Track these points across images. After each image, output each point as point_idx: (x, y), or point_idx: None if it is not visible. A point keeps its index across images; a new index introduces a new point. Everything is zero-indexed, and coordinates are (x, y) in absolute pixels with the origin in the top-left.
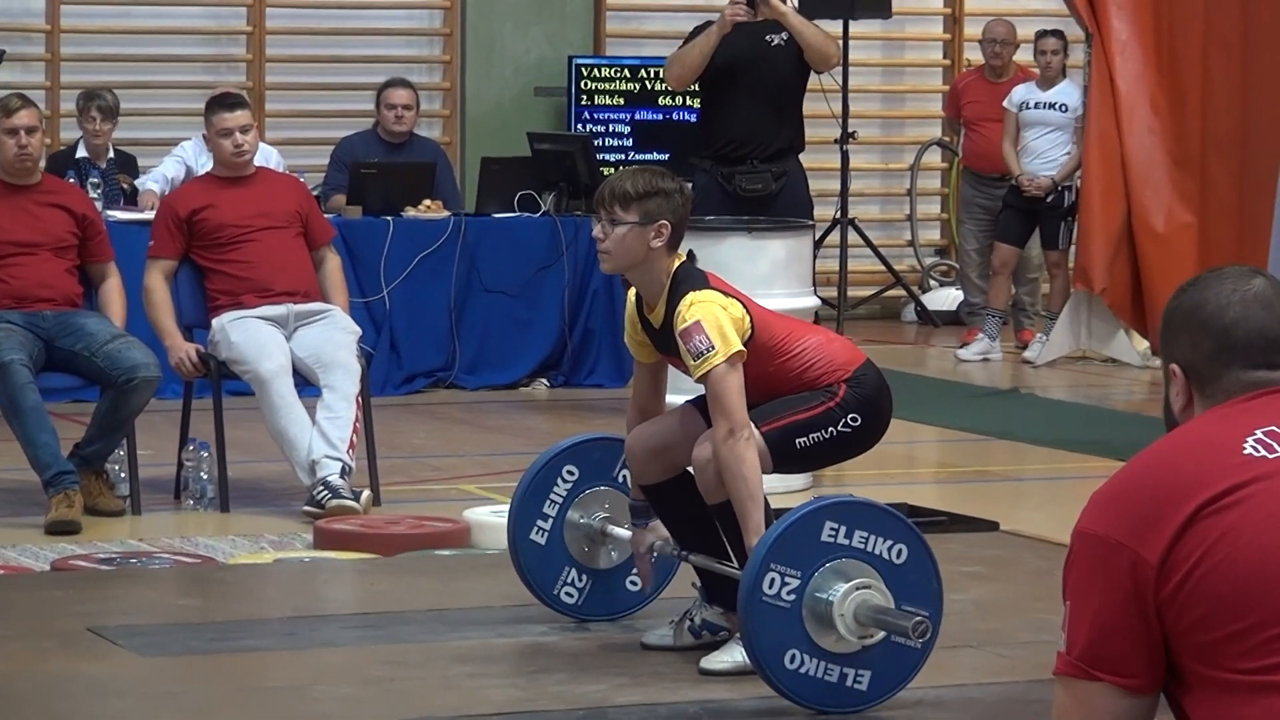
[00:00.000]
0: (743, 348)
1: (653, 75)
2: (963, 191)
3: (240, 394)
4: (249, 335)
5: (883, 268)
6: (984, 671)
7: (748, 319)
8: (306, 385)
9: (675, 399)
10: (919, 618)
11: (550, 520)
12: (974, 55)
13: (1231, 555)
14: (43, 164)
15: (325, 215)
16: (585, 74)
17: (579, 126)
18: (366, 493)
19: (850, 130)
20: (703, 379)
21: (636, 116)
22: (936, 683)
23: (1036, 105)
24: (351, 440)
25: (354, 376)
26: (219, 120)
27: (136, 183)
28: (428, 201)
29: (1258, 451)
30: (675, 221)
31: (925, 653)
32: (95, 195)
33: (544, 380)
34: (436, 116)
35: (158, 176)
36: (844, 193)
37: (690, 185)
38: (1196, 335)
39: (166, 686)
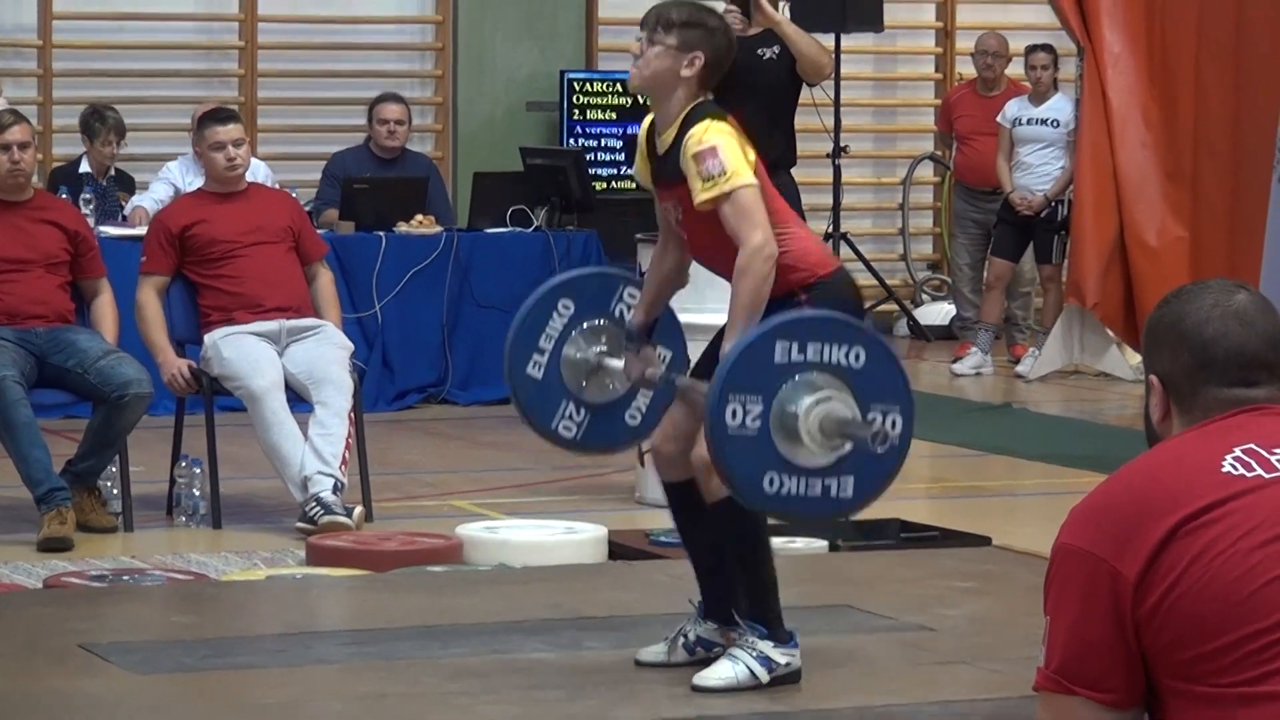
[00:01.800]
0: (756, 182)
1: None
2: (955, 205)
3: (232, 410)
4: (241, 351)
5: (875, 282)
6: (977, 687)
7: (756, 170)
8: (299, 401)
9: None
10: (876, 427)
11: (546, 354)
12: (966, 69)
13: (1210, 572)
14: (35, 180)
15: (317, 230)
16: (577, 88)
17: (571, 141)
18: (359, 509)
19: (842, 144)
20: (713, 203)
21: (629, 131)
22: (930, 699)
23: (1029, 120)
24: (344, 456)
25: (346, 392)
26: (211, 134)
27: (132, 201)
28: (420, 217)
29: (1236, 469)
30: (711, 58)
31: (904, 448)
32: (87, 211)
33: None
34: (429, 131)
35: (147, 200)
36: (836, 207)
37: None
38: (1176, 348)
39: (159, 704)
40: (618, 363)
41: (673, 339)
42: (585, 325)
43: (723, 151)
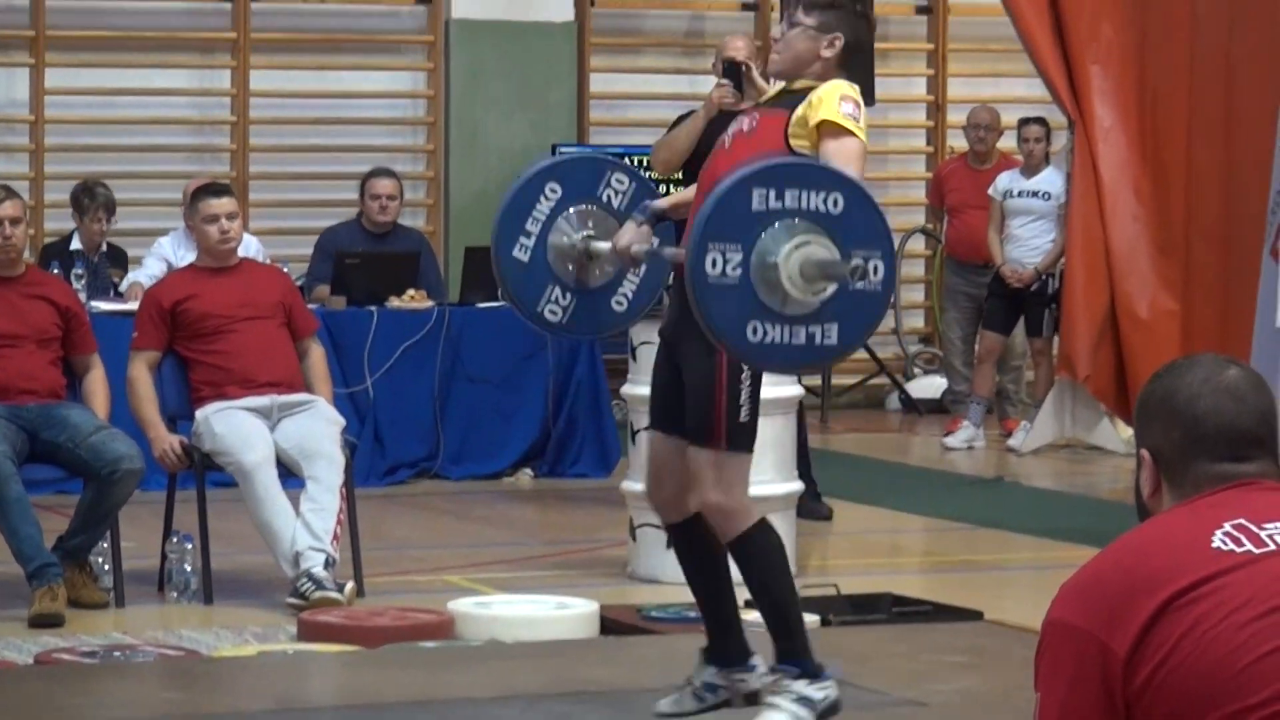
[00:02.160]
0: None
1: (636, 163)
2: (946, 279)
3: (224, 485)
4: (232, 426)
5: (867, 356)
6: None
7: None
8: (290, 476)
9: None
10: (855, 262)
11: (533, 238)
12: (957, 142)
13: (1201, 648)
14: (27, 255)
15: (309, 306)
16: None
17: None
18: (350, 584)
19: None
20: (835, 129)
21: None
22: None
23: (1020, 193)
24: (335, 532)
25: (338, 467)
26: (205, 207)
27: (128, 278)
28: (411, 291)
29: (1226, 545)
30: (851, 39)
31: (887, 294)
32: (79, 287)
33: (528, 470)
34: (420, 206)
35: (143, 277)
36: None
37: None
38: (1167, 423)
39: None
40: (605, 245)
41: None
42: (572, 210)
43: (861, 114)
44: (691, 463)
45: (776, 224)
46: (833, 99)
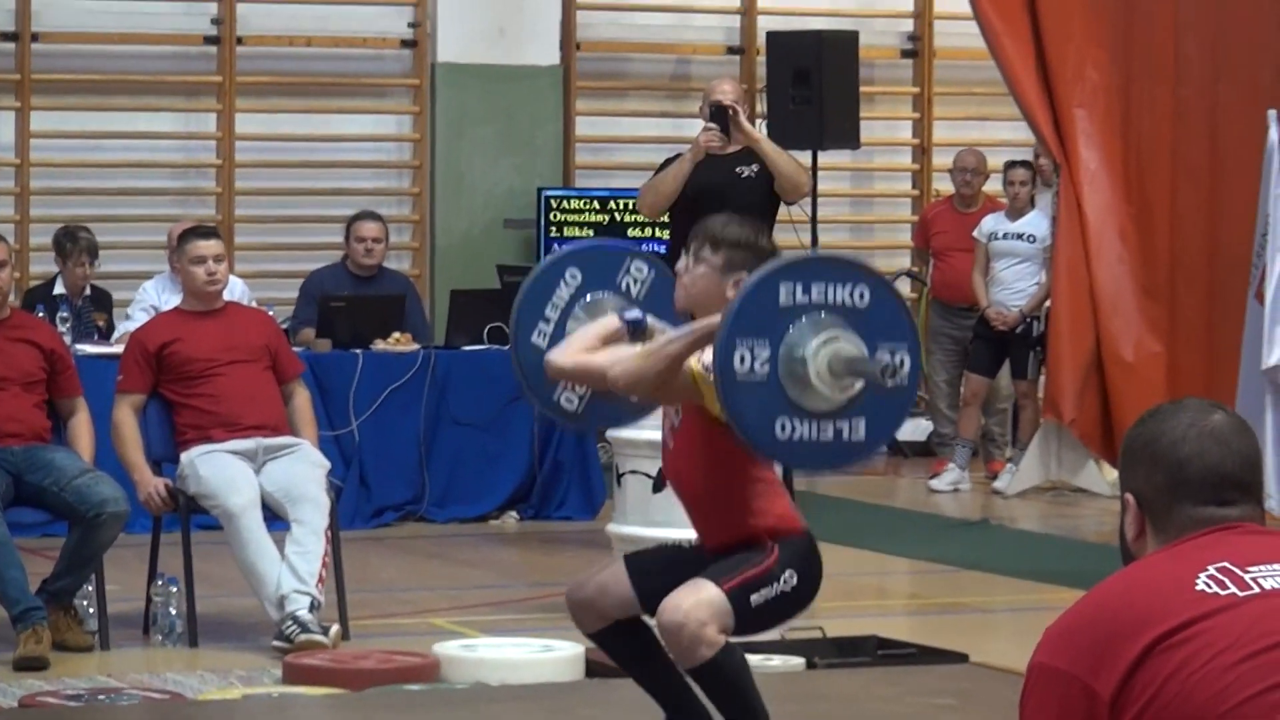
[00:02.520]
0: None
1: (622, 207)
2: (931, 322)
3: (209, 528)
4: (217, 470)
5: None
6: None
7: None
8: (275, 519)
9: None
10: (885, 361)
11: (552, 323)
12: (942, 185)
13: (1185, 690)
14: (13, 299)
15: (294, 349)
16: (554, 205)
17: None
18: (335, 627)
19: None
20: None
21: None
22: None
23: (1005, 236)
24: (320, 574)
25: (323, 510)
26: (193, 248)
27: (118, 330)
28: (397, 334)
29: (1210, 588)
30: None
31: (913, 388)
32: (64, 330)
33: (514, 513)
34: (406, 249)
35: (134, 326)
36: None
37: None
38: (1151, 467)
39: None
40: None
41: None
42: (590, 298)
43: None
44: (682, 589)
45: (803, 318)
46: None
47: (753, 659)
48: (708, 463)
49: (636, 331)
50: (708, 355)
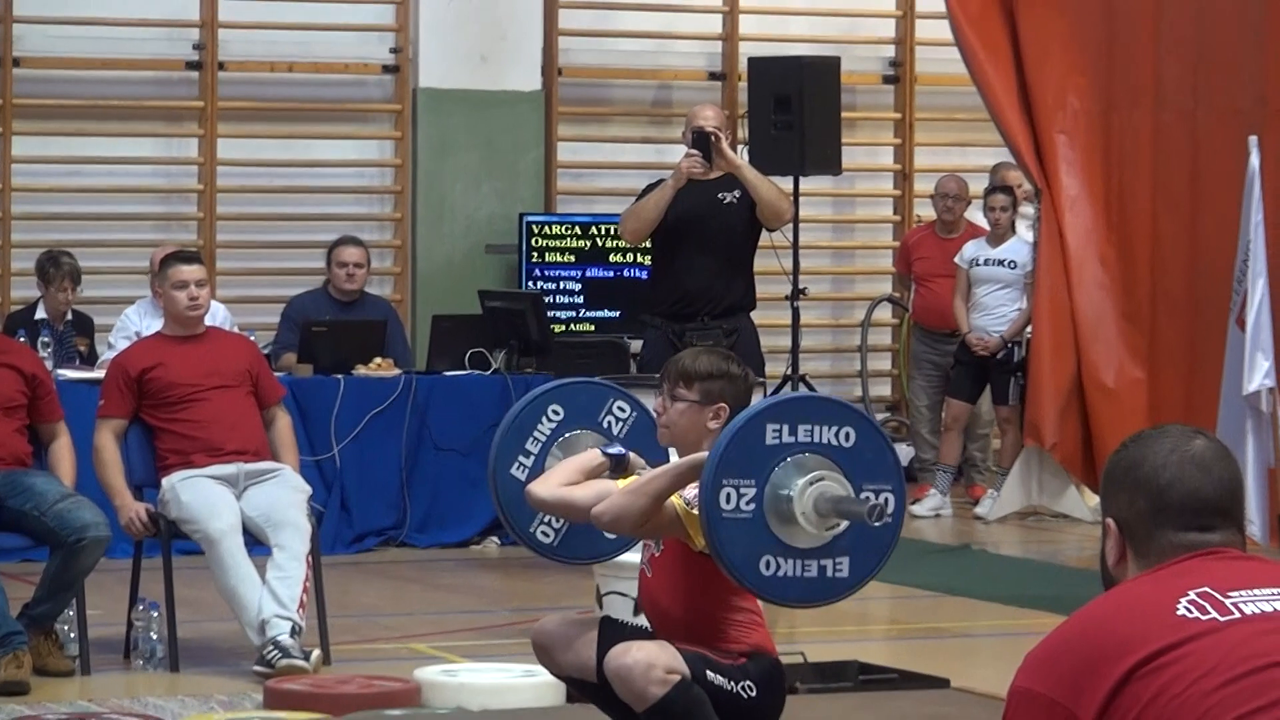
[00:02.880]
0: None
1: (603, 232)
2: (913, 347)
3: (190, 553)
4: (199, 495)
5: None
6: None
7: None
8: (256, 544)
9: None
10: (872, 502)
11: (532, 457)
12: (924, 211)
13: (1165, 716)
14: None
15: (275, 374)
16: (536, 231)
17: (530, 284)
18: (316, 652)
19: (801, 286)
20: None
21: (587, 274)
22: None
23: (986, 262)
24: (301, 599)
25: (304, 535)
26: (175, 273)
27: (101, 358)
28: (378, 360)
29: (1190, 613)
30: (734, 406)
31: (897, 526)
32: (45, 355)
33: (495, 538)
34: (387, 274)
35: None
36: (795, 349)
37: (751, 374)
38: (1133, 493)
39: None
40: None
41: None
42: (569, 435)
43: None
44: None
45: (789, 458)
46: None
47: None
48: (688, 592)
49: (618, 466)
50: (690, 491)
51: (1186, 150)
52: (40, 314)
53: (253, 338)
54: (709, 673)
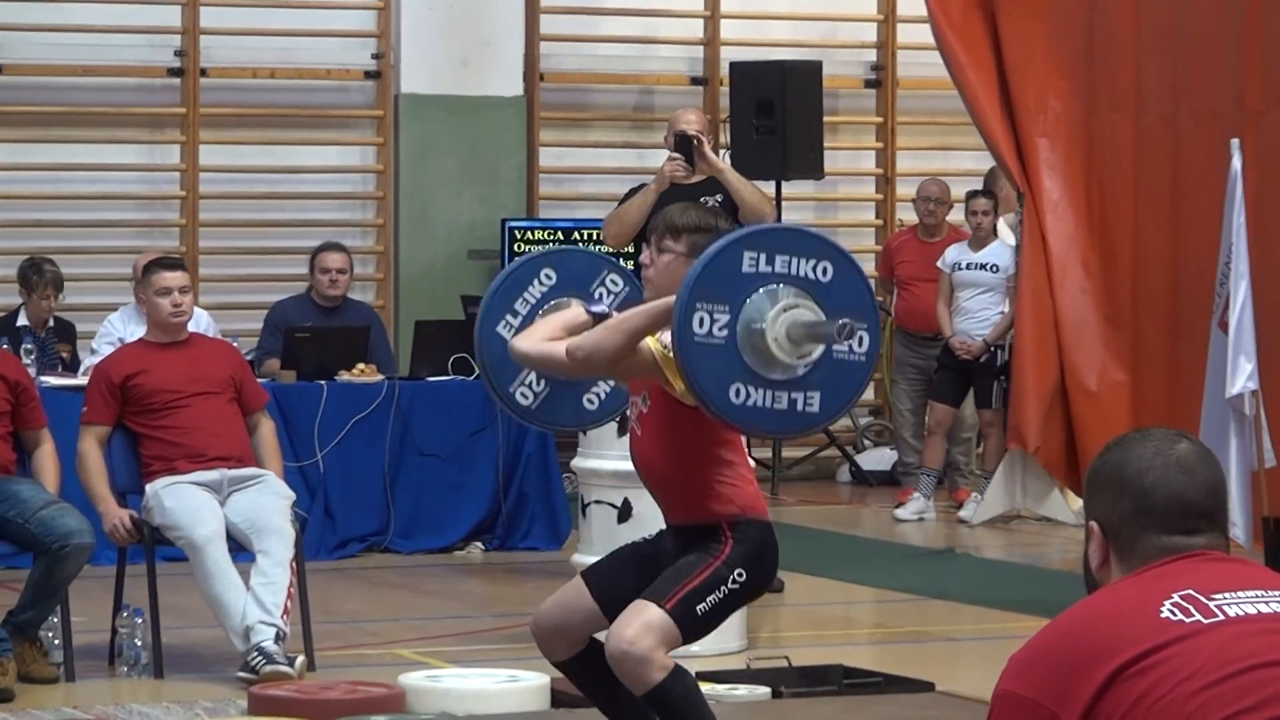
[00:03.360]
0: None
1: (586, 237)
2: (896, 351)
3: (174, 560)
4: (182, 501)
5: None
6: None
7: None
8: (240, 550)
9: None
10: (843, 320)
11: (520, 318)
12: (906, 215)
13: (1150, 718)
14: None
15: (259, 380)
16: (518, 236)
17: None
18: (301, 658)
19: None
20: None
21: None
22: None
23: (969, 266)
24: (286, 605)
25: (288, 541)
26: (159, 279)
27: (84, 364)
28: (361, 365)
29: (1174, 615)
30: None
31: (869, 364)
32: (28, 362)
33: (479, 544)
34: (370, 280)
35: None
36: None
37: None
38: (1117, 495)
39: None
40: None
41: None
42: (559, 300)
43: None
44: (629, 610)
45: (764, 288)
46: None
47: (718, 688)
48: (675, 446)
49: (601, 323)
50: (668, 335)
51: (1167, 153)
52: (22, 320)
53: (235, 344)
54: (698, 608)
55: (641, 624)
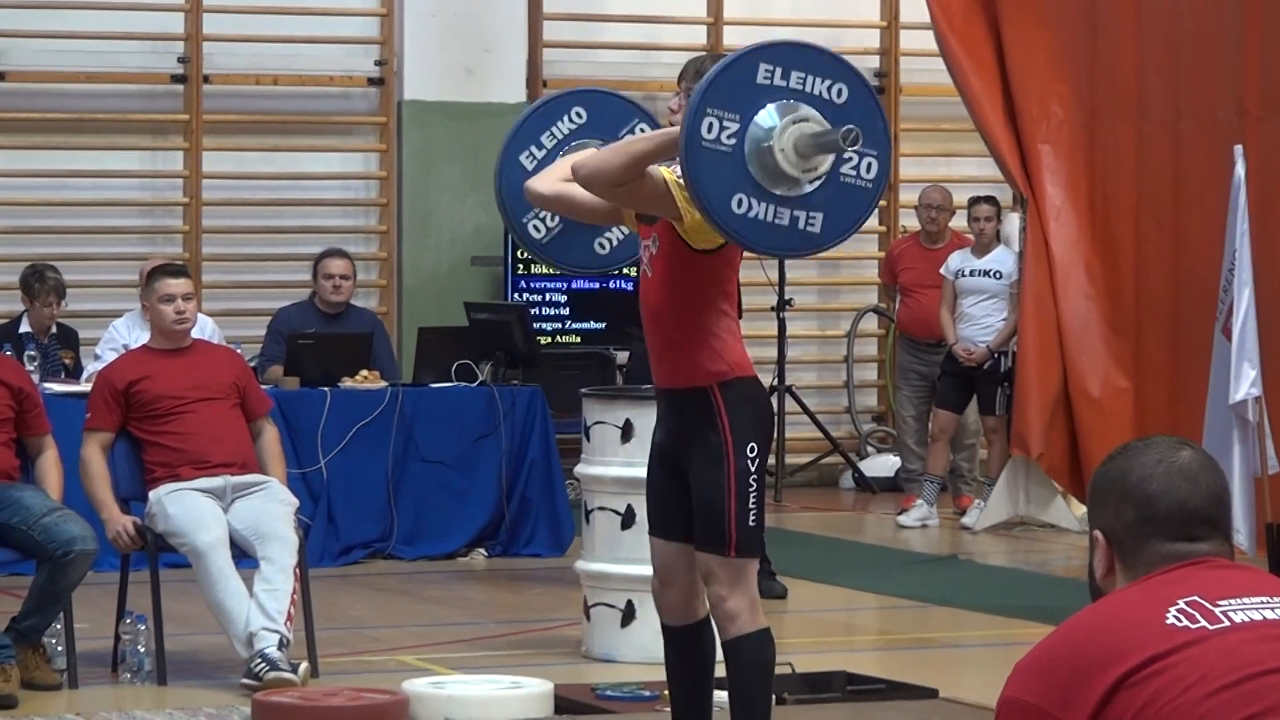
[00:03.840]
0: None
1: None
2: (899, 358)
3: (177, 566)
4: (186, 508)
5: (820, 435)
6: None
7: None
8: (244, 557)
9: None
10: (848, 126)
11: (544, 151)
12: (909, 222)
13: None
14: None
15: (262, 386)
16: None
17: (516, 296)
18: (304, 665)
19: (787, 297)
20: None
21: (573, 286)
22: None
23: (972, 273)
24: (289, 612)
25: (291, 548)
26: (163, 286)
27: (87, 370)
28: (365, 372)
29: (1180, 621)
30: None
31: (876, 191)
32: (32, 368)
33: (482, 550)
34: (373, 287)
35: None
36: (781, 360)
37: None
38: (1120, 504)
39: None
40: None
41: None
42: (584, 141)
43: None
44: (701, 565)
45: (777, 101)
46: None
47: (721, 695)
48: (680, 289)
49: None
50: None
51: (1169, 159)
52: (24, 327)
53: (239, 350)
54: (750, 522)
55: (728, 578)
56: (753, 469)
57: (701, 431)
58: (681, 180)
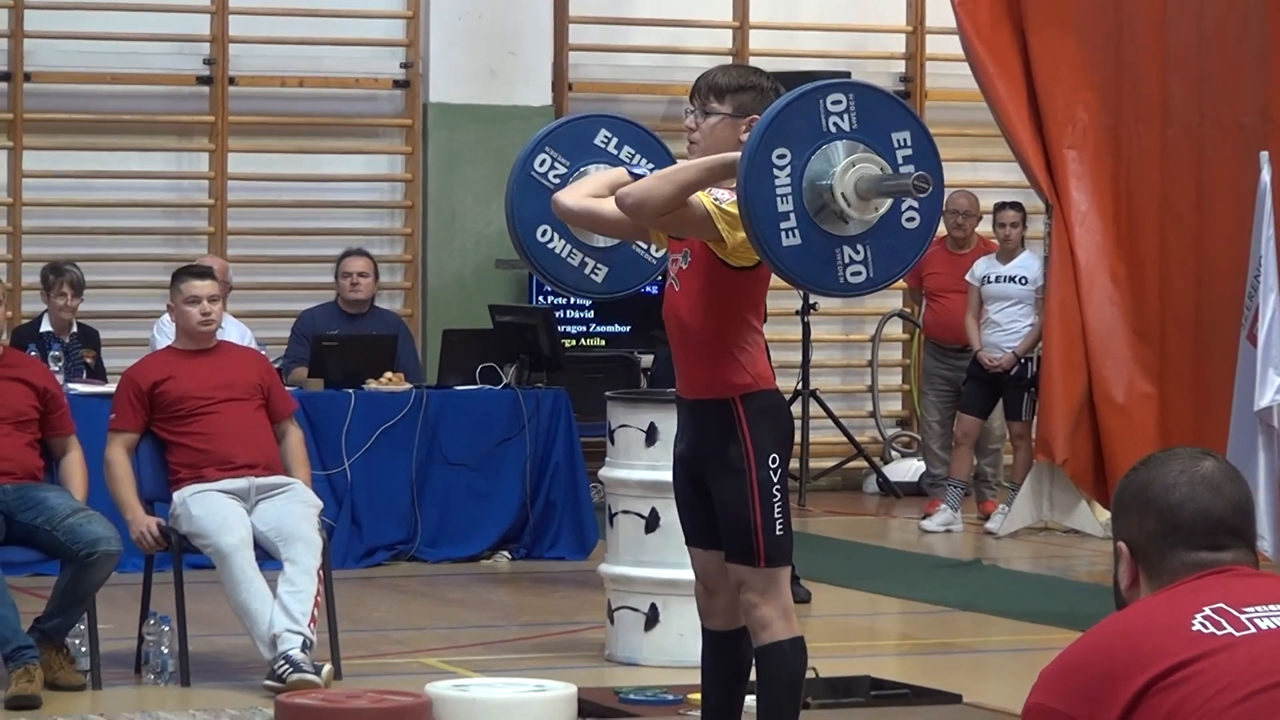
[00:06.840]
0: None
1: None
2: (924, 363)
3: (201, 567)
4: (210, 509)
5: (844, 439)
6: None
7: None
8: (268, 558)
9: None
10: (920, 173)
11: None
12: None
13: None
14: (5, 338)
15: (287, 388)
16: None
17: (540, 299)
18: (328, 666)
19: (811, 301)
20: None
21: None
22: None
23: (997, 279)
24: (313, 614)
25: (315, 550)
26: (188, 287)
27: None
28: (389, 374)
29: (1206, 628)
30: None
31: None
32: (57, 369)
33: (505, 553)
34: (398, 289)
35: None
36: (805, 364)
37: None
38: (1143, 515)
39: None
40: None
41: None
42: (585, 167)
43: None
44: (733, 574)
45: (836, 142)
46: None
47: (745, 700)
48: (709, 303)
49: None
50: (719, 192)
51: (1193, 165)
52: (45, 326)
53: (264, 352)
54: (777, 532)
55: (760, 588)
56: (775, 479)
57: (723, 443)
58: (721, 204)
